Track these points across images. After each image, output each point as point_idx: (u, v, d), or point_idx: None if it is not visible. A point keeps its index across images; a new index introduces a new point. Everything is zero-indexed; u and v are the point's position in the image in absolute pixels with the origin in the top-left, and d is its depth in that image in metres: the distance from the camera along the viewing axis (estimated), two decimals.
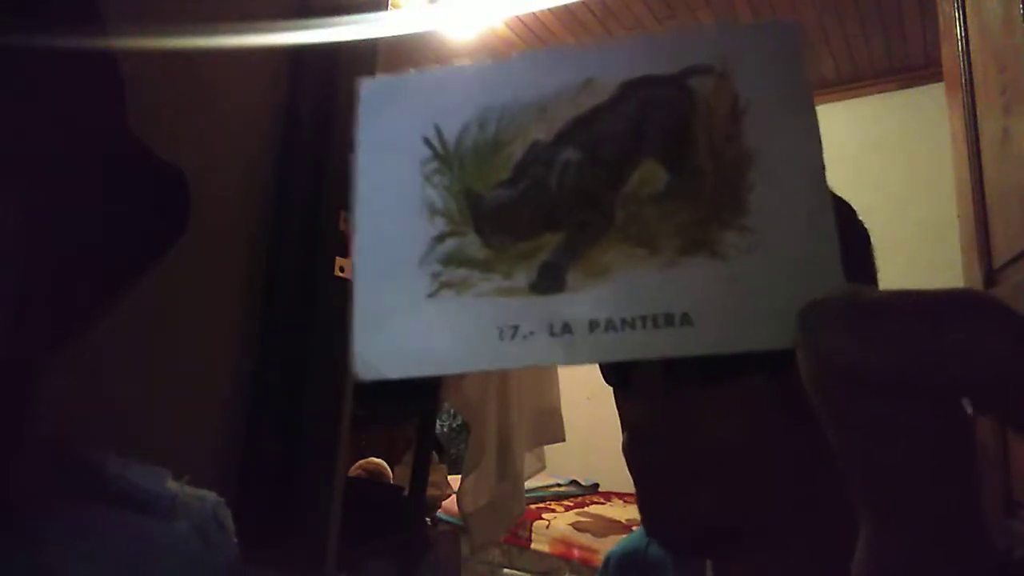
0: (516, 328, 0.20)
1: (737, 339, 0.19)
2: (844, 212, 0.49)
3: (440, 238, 0.21)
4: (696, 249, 0.20)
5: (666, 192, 0.20)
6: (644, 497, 0.46)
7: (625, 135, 0.21)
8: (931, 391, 0.16)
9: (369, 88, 0.23)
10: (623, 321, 0.20)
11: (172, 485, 0.46)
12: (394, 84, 0.23)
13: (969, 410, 0.17)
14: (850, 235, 0.48)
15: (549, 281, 0.21)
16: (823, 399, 0.17)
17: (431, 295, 0.21)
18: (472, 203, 0.21)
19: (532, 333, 0.20)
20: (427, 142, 0.22)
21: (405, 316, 0.21)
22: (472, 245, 0.21)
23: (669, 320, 0.20)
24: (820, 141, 0.20)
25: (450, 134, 0.22)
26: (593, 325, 0.20)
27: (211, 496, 0.48)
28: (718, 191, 0.20)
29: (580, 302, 0.20)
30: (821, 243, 0.19)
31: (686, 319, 0.20)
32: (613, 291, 0.20)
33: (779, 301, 0.19)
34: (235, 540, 0.48)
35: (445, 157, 0.22)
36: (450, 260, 0.21)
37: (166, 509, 0.44)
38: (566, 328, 0.20)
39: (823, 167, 0.20)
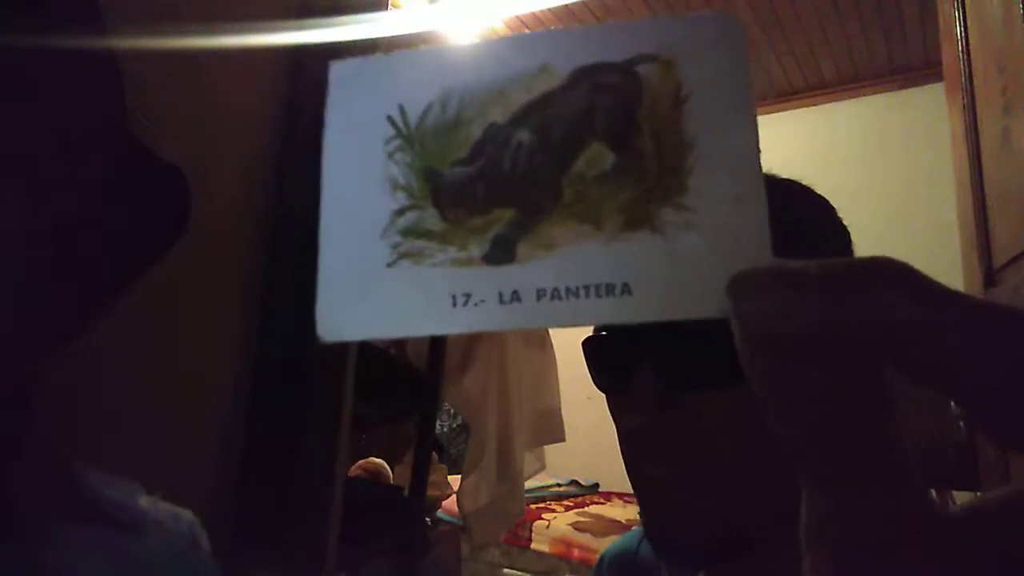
0: (468, 296, 0.22)
1: (672, 308, 0.21)
2: (821, 209, 0.49)
3: (401, 212, 0.23)
4: (637, 225, 0.21)
5: (611, 172, 0.22)
6: (648, 508, 0.46)
7: (575, 118, 0.23)
8: (845, 355, 0.17)
9: (338, 70, 0.24)
10: (568, 290, 0.21)
11: (145, 501, 0.46)
12: (362, 66, 0.24)
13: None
14: (827, 230, 0.48)
15: (500, 253, 0.22)
16: (749, 365, 0.18)
17: (391, 264, 0.23)
18: (431, 179, 0.23)
19: (483, 301, 0.22)
20: (391, 121, 0.23)
21: (366, 283, 0.23)
22: (430, 219, 0.23)
23: (610, 289, 0.21)
24: (755, 130, 0.21)
25: (413, 114, 0.23)
26: (540, 294, 0.21)
27: (186, 514, 0.48)
28: (659, 172, 0.22)
29: (529, 272, 0.22)
30: (751, 223, 0.21)
31: (626, 288, 0.21)
32: (559, 263, 0.22)
33: (712, 274, 0.20)
34: (210, 560, 0.48)
35: (407, 136, 0.23)
36: (409, 232, 0.23)
37: (140, 527, 0.43)
38: (515, 296, 0.22)
39: (757, 154, 0.21)
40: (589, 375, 0.51)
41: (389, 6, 1.21)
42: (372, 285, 0.22)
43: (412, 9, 2.69)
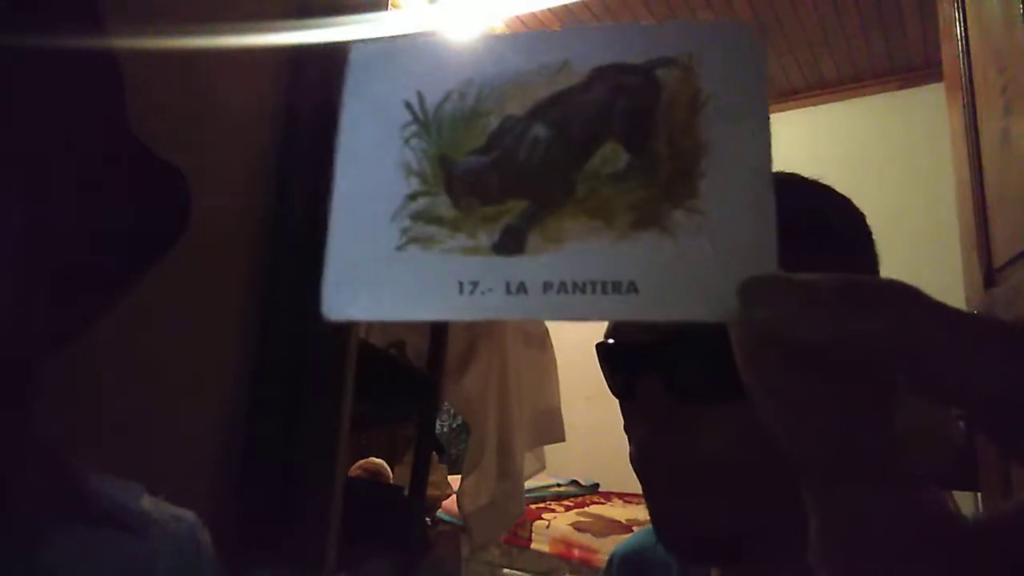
0: (476, 284, 0.22)
1: (677, 309, 0.21)
2: (841, 206, 0.49)
3: (413, 196, 0.23)
4: (647, 225, 0.21)
5: (625, 172, 0.22)
6: (656, 511, 0.46)
7: (592, 116, 0.23)
8: (856, 365, 0.18)
9: (359, 52, 0.25)
10: (575, 284, 0.21)
11: (147, 502, 0.46)
12: (383, 50, 0.24)
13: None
14: (846, 227, 0.48)
15: (510, 243, 0.22)
16: (755, 369, 0.18)
17: (400, 248, 0.23)
18: (445, 167, 0.23)
19: (490, 290, 0.22)
20: (409, 107, 0.24)
21: (374, 265, 0.23)
22: (442, 205, 0.23)
23: (617, 287, 0.21)
24: (769, 138, 0.21)
25: (431, 101, 0.24)
26: (547, 286, 0.21)
27: (188, 515, 0.48)
28: (672, 175, 0.22)
29: (537, 264, 0.22)
30: (761, 231, 0.21)
31: (632, 287, 0.21)
32: (568, 257, 0.22)
33: (719, 278, 0.20)
34: (213, 559, 0.48)
35: (424, 122, 0.23)
36: (420, 217, 0.23)
37: (142, 528, 0.44)
38: (522, 287, 0.22)
39: (770, 163, 0.21)
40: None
41: (389, 6, 1.21)
42: (380, 267, 0.23)
43: (412, 9, 2.69)
